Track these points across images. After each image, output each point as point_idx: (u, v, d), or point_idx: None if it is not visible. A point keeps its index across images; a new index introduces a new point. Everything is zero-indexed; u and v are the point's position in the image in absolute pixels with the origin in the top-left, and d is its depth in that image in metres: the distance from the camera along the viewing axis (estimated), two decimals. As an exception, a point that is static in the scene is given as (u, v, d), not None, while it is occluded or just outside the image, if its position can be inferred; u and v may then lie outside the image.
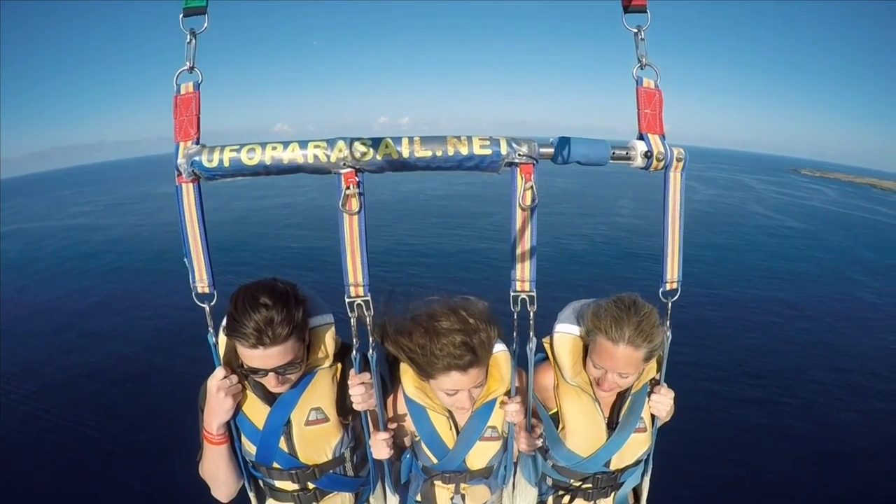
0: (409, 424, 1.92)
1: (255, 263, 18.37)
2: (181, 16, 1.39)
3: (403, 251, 19.56)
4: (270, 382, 1.70)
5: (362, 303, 1.53)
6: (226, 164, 1.39)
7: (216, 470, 1.85)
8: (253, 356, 1.60)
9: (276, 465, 1.86)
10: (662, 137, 1.49)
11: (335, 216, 1.45)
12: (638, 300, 1.74)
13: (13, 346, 12.01)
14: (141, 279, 17.45)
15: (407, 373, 1.87)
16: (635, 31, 1.47)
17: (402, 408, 1.92)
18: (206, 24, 1.41)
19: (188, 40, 1.41)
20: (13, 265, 20.66)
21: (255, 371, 1.65)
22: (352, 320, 1.57)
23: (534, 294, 1.54)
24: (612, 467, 1.97)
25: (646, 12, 1.45)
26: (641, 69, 1.49)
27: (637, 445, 1.95)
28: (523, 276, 1.53)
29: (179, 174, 1.45)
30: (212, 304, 1.61)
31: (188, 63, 1.43)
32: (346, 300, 1.53)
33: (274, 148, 1.38)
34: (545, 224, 1.51)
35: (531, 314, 1.57)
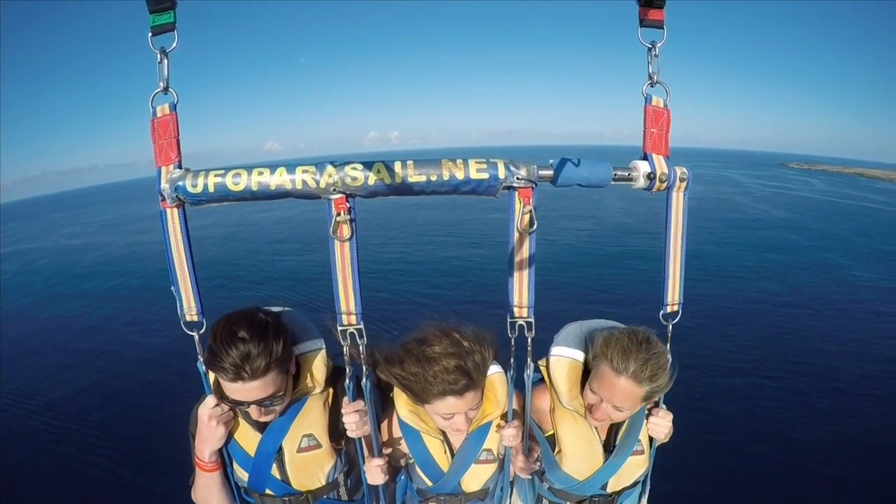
0: (403, 447, 1.89)
1: (248, 279, 18.16)
2: (150, 35, 1.31)
3: (391, 258, 19.42)
4: (253, 413, 1.65)
5: (355, 331, 1.48)
6: (210, 189, 1.33)
7: (209, 496, 1.81)
8: (233, 389, 1.55)
9: (268, 491, 1.82)
10: (667, 158, 1.42)
11: (327, 225, 1.37)
12: (652, 338, 1.65)
13: (12, 366, 11.89)
14: (138, 297, 17.24)
15: (400, 396, 1.82)
16: (649, 46, 1.38)
17: (396, 431, 1.88)
18: (175, 42, 1.33)
19: (159, 60, 1.33)
20: (8, 287, 20.36)
21: (238, 403, 1.60)
22: (344, 348, 1.52)
23: (532, 320, 1.47)
24: (609, 490, 1.92)
25: (662, 28, 1.36)
26: (652, 86, 1.41)
27: (634, 468, 1.90)
28: (521, 302, 1.46)
29: (163, 199, 1.39)
30: (201, 332, 1.55)
31: (162, 84, 1.35)
32: (339, 328, 1.48)
33: (260, 173, 1.31)
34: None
35: (529, 340, 1.50)
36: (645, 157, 1.42)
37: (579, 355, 1.83)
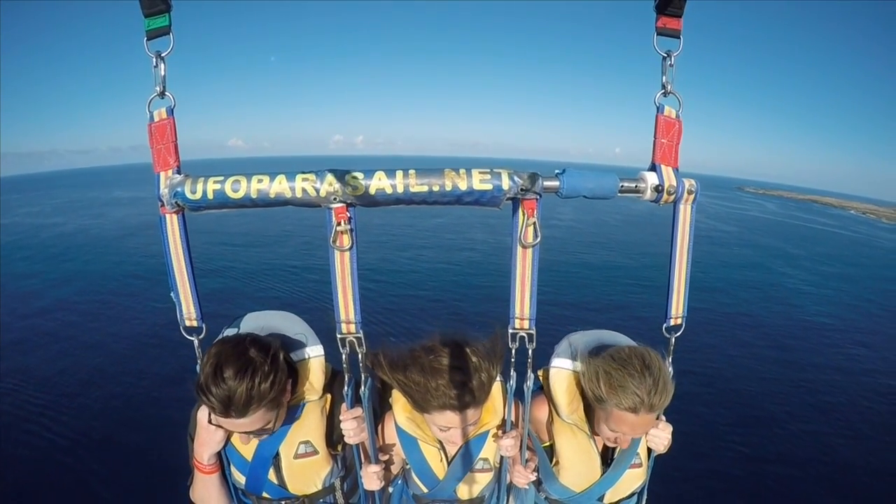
0: (399, 453, 1.80)
1: (205, 268, 17.48)
2: (145, 39, 1.22)
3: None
4: (242, 439, 1.60)
5: (354, 339, 1.39)
6: (209, 196, 1.24)
7: (207, 497, 1.76)
8: (221, 421, 1.49)
9: (265, 494, 1.76)
10: (676, 170, 1.34)
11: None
12: (647, 359, 1.54)
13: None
14: (91, 280, 16.78)
15: (398, 402, 1.73)
16: (665, 55, 1.31)
17: (392, 437, 1.79)
18: (171, 45, 1.24)
19: (154, 64, 1.24)
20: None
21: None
22: (343, 357, 1.43)
23: (533, 332, 1.38)
24: (606, 501, 1.83)
25: (679, 38, 1.29)
26: (665, 96, 1.33)
27: (632, 480, 1.81)
28: (522, 314, 1.38)
29: (162, 205, 1.32)
30: (201, 337, 1.49)
31: (158, 88, 1.27)
32: (338, 336, 1.39)
33: (260, 180, 1.22)
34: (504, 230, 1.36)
35: (530, 352, 1.42)
36: (653, 168, 1.34)
37: (580, 367, 1.73)
